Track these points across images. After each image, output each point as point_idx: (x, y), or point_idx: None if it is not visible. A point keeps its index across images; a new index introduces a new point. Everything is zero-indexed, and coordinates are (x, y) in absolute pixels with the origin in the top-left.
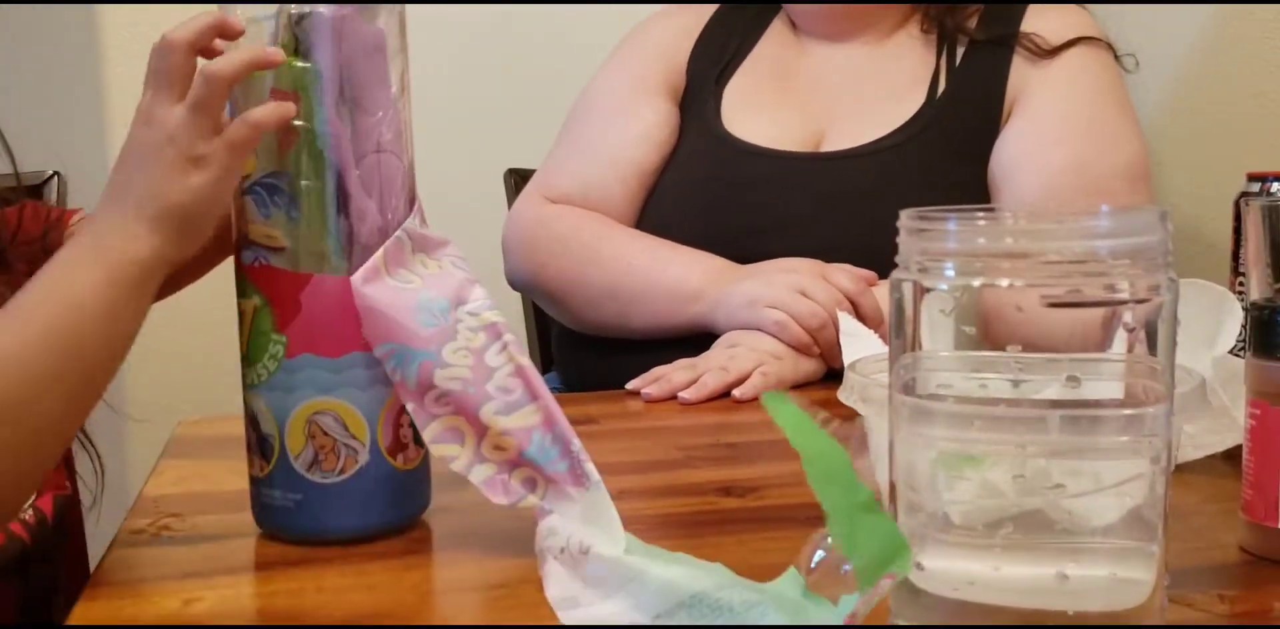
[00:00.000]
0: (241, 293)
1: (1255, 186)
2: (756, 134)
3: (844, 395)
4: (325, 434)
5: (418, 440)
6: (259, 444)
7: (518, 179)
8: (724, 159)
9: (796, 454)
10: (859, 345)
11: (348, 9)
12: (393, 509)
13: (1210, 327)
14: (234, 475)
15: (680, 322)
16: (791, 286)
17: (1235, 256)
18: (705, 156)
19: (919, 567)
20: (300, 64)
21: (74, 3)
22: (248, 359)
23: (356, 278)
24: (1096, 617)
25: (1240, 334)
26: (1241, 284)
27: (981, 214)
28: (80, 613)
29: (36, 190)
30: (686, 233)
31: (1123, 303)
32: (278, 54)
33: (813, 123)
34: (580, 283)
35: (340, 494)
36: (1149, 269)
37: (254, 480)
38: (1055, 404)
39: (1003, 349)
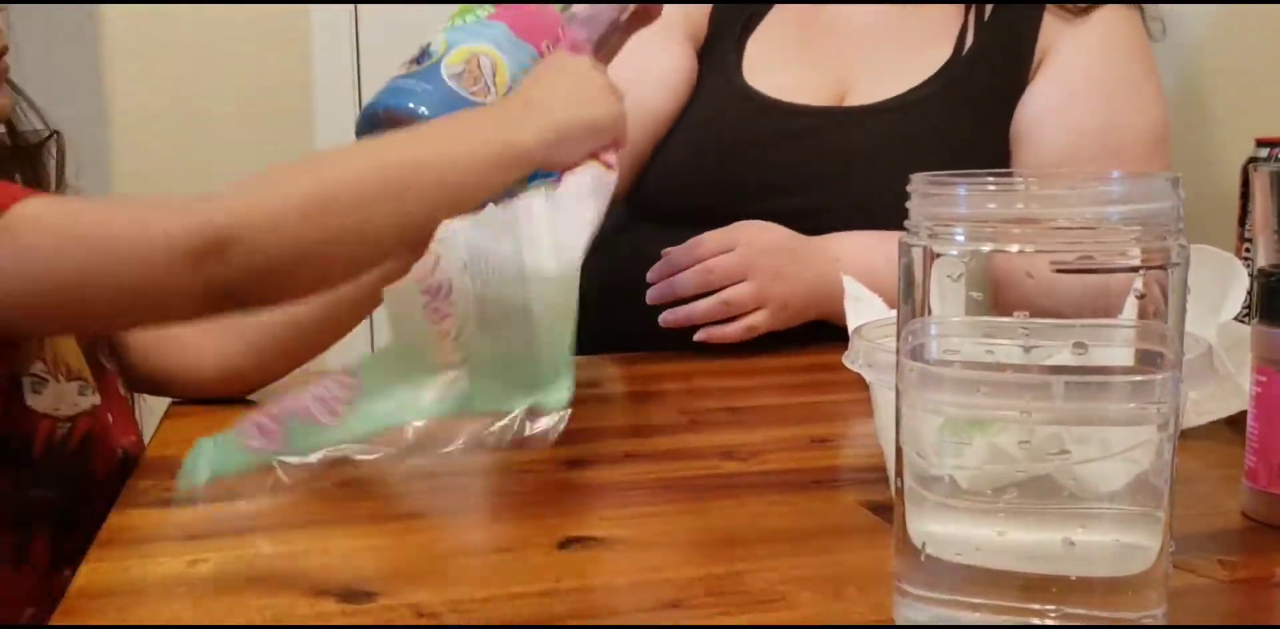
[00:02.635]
0: None
1: (1263, 152)
2: (778, 88)
3: (849, 360)
4: (479, 69)
5: None
6: (420, 56)
7: None
8: (744, 113)
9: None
10: (864, 310)
11: None
12: None
13: (1216, 293)
14: None
15: None
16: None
17: (1242, 222)
18: (725, 110)
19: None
20: None
21: None
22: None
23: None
24: (1101, 582)
25: (1246, 300)
26: (1248, 250)
27: (992, 179)
28: (86, 573)
29: (36, 149)
30: (702, 187)
31: (1134, 269)
32: None
33: (836, 76)
34: None
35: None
36: (1160, 235)
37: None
38: (1062, 370)
39: (1011, 315)
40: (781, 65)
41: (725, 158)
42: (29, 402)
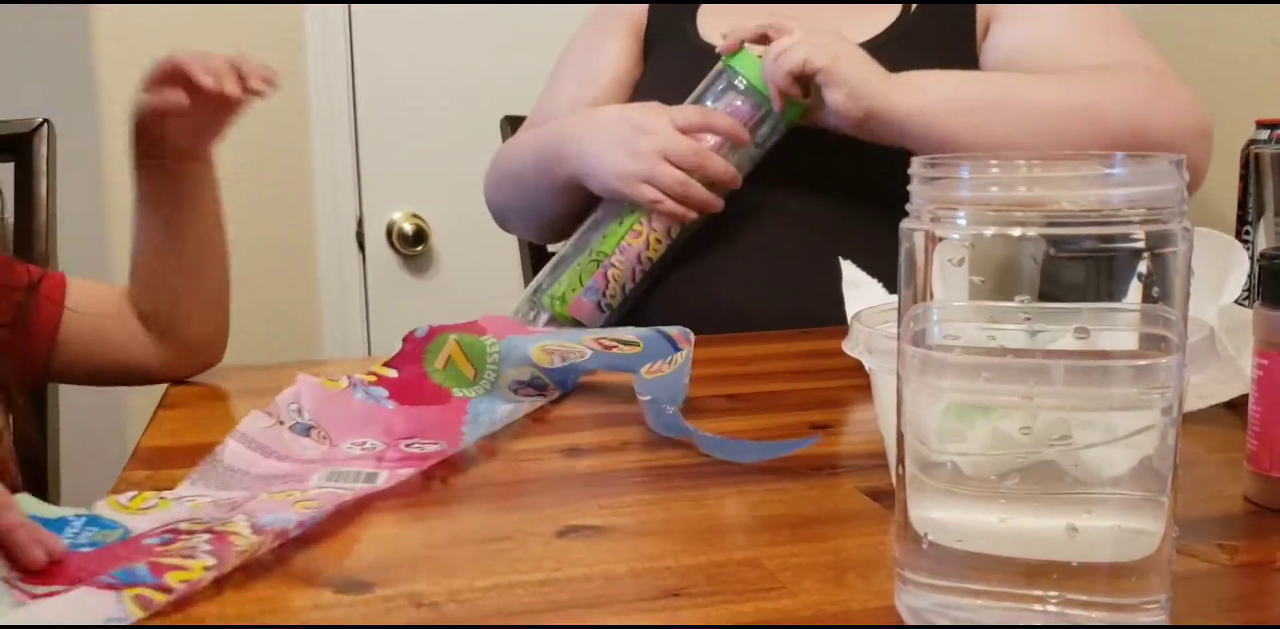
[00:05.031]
0: None
1: (1264, 134)
2: None
3: (848, 346)
4: None
5: None
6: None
7: (513, 126)
8: (702, 65)
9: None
10: (862, 295)
11: None
12: None
13: (1216, 276)
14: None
15: (561, 186)
16: (655, 152)
17: (1242, 205)
18: (681, 67)
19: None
20: None
21: None
22: None
23: None
24: (1104, 567)
25: (1246, 283)
26: (1247, 233)
27: (995, 162)
28: None
29: (26, 139)
30: None
31: (1137, 253)
32: None
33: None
34: (503, 184)
35: None
36: (1164, 218)
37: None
38: (1064, 355)
39: (1009, 299)
40: (735, 22)
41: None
42: None
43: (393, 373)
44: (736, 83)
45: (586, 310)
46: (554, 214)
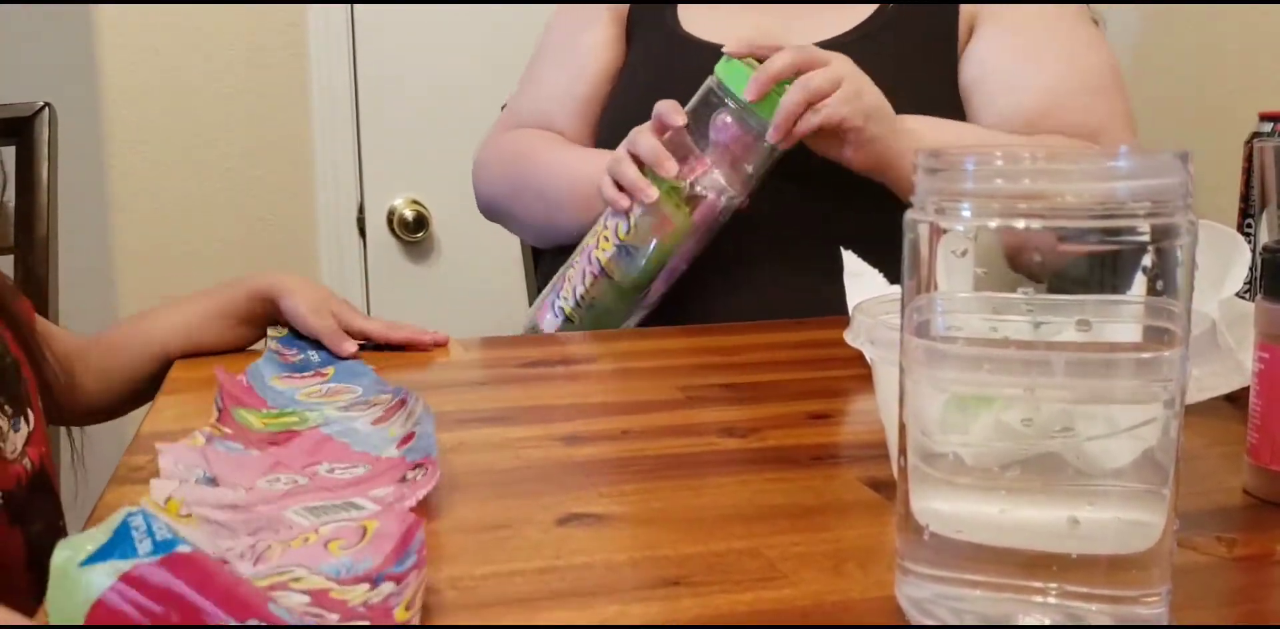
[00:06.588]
0: None
1: (1267, 126)
2: (714, 33)
3: (850, 337)
4: None
5: None
6: None
7: None
8: (682, 56)
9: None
10: (863, 286)
11: None
12: None
13: (1218, 268)
14: None
15: (596, 216)
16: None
17: (1244, 197)
18: (663, 57)
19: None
20: None
21: None
22: None
23: None
24: (1104, 560)
25: (1248, 276)
26: (1249, 226)
27: (1000, 154)
28: None
29: (27, 122)
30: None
31: (1142, 246)
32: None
33: (770, 23)
34: (519, 188)
35: None
36: (1169, 211)
37: None
38: (1067, 347)
39: (1013, 290)
40: (716, 13)
41: (665, 98)
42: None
43: (228, 430)
44: (729, 102)
45: (544, 312)
46: (571, 237)
